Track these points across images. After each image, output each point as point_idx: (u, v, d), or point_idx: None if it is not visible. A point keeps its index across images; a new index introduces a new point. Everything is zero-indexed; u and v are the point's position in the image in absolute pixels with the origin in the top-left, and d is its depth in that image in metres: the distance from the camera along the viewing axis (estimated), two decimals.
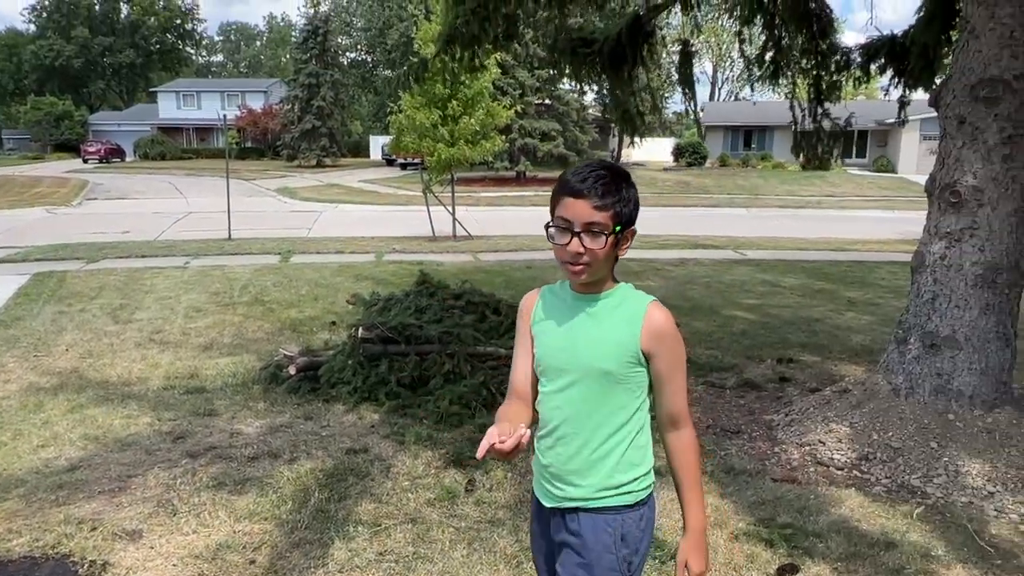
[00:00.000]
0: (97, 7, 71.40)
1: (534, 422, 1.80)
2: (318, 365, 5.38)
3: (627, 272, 10.70)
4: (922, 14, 5.47)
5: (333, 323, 7.47)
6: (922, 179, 4.62)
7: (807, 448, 4.34)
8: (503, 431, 1.56)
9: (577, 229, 1.62)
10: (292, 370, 5.37)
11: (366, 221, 20.17)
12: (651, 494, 1.78)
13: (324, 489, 3.78)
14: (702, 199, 29.16)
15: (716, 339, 7.11)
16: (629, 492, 1.73)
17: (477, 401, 4.87)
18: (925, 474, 3.90)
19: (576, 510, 1.73)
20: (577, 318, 1.73)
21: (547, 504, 1.79)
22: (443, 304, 5.71)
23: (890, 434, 4.18)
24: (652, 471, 1.79)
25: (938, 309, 4.28)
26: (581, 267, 1.65)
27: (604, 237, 1.62)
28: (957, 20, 4.88)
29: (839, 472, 4.08)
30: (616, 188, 1.63)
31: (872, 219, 22.80)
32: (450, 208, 16.06)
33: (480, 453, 1.56)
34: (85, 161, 47.05)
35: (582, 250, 1.62)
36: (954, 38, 4.99)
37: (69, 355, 6.41)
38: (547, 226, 1.67)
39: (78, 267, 11.52)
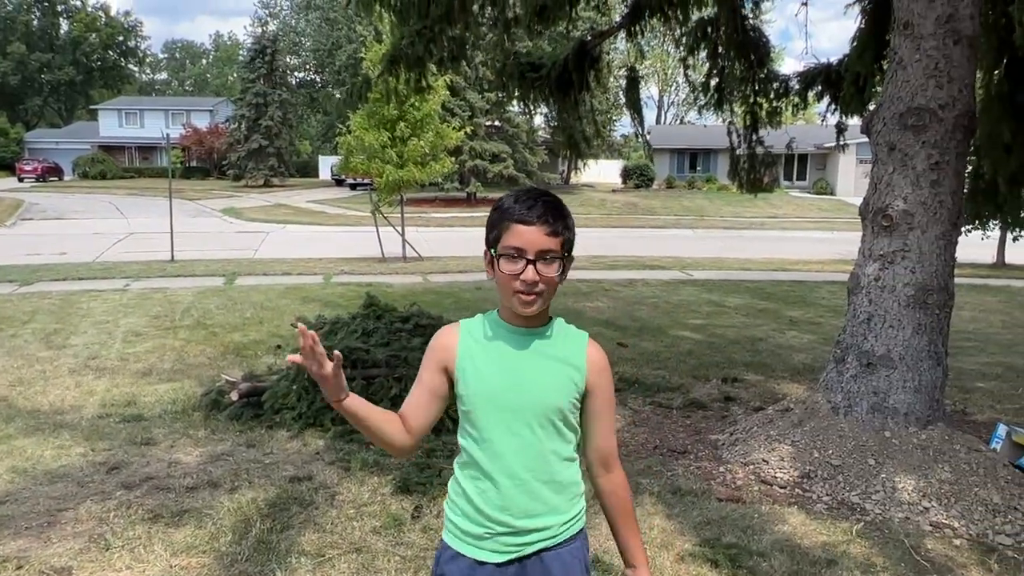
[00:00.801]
0: (35, 22, 69.42)
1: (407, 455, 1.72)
2: (262, 391, 5.26)
3: (576, 293, 10.78)
4: (855, 44, 5.70)
5: (278, 347, 7.34)
6: (859, 201, 4.78)
7: (751, 467, 4.40)
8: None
9: (531, 257, 1.56)
10: (234, 396, 5.24)
11: (314, 242, 19.94)
12: None
13: (266, 519, 3.67)
14: (650, 220, 29.66)
15: (663, 359, 7.20)
16: (581, 518, 1.72)
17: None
18: (864, 491, 4.00)
19: (540, 552, 1.65)
20: (521, 354, 1.64)
21: (500, 560, 1.64)
22: (390, 327, 5.65)
23: (830, 452, 4.27)
24: None
25: (873, 329, 4.41)
26: (534, 296, 1.58)
27: (557, 263, 1.59)
28: (888, 51, 5.10)
29: (782, 490, 4.15)
30: (562, 214, 1.62)
31: (812, 239, 23.48)
32: (400, 229, 15.99)
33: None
34: (20, 180, 45.43)
35: (537, 278, 1.56)
36: (885, 67, 5.20)
37: None
38: (496, 256, 1.60)
39: (10, 290, 11.09)
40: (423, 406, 1.69)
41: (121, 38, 74.55)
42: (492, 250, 1.62)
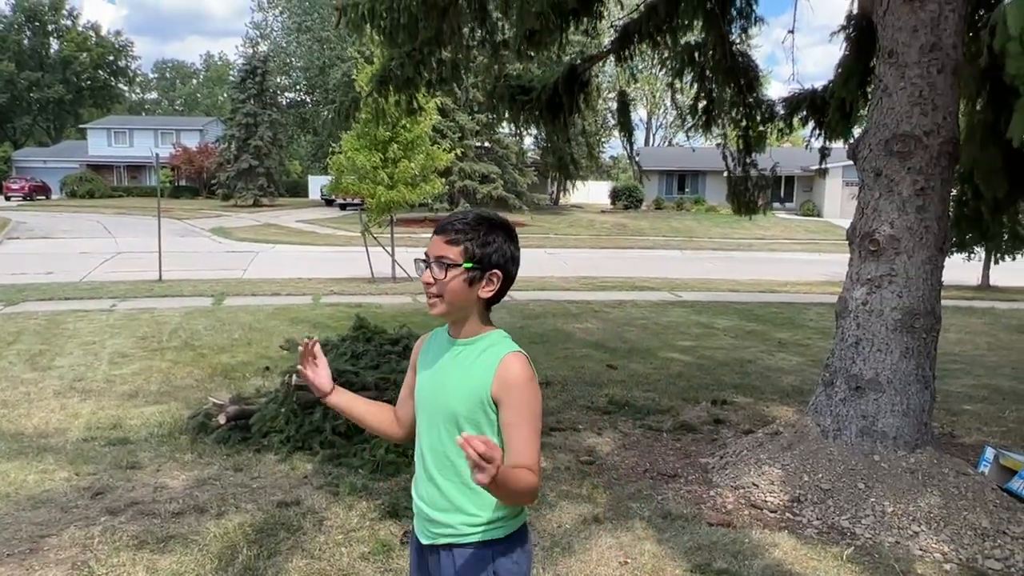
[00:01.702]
0: (26, 42, 69.42)
1: (400, 443, 2.07)
2: (249, 414, 5.22)
3: (565, 314, 10.79)
4: (840, 71, 5.78)
5: (267, 369, 7.29)
6: (846, 222, 4.83)
7: (741, 491, 4.40)
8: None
9: (429, 261, 1.74)
10: (222, 419, 5.19)
11: (304, 262, 19.89)
12: (525, 533, 1.81)
13: (253, 545, 3.63)
14: (638, 241, 29.79)
15: (653, 381, 7.20)
16: (500, 527, 1.75)
17: (414, 449, 4.79)
18: (854, 515, 4.00)
19: (450, 546, 1.77)
20: (445, 360, 1.80)
21: (423, 541, 1.83)
22: (380, 349, 5.64)
23: (820, 476, 4.27)
24: (524, 511, 1.82)
25: (861, 353, 4.44)
26: (432, 299, 1.75)
27: (448, 269, 1.71)
28: (872, 77, 5.18)
29: (772, 515, 4.14)
30: (474, 229, 1.73)
31: (800, 261, 23.64)
32: (389, 249, 15.98)
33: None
34: (7, 198, 45.20)
35: (431, 280, 1.73)
36: (870, 92, 5.28)
37: None
38: (415, 260, 1.80)
39: None
40: (404, 401, 1.96)
41: (111, 58, 74.62)
42: None
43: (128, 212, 36.88)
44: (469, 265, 1.71)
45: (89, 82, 72.97)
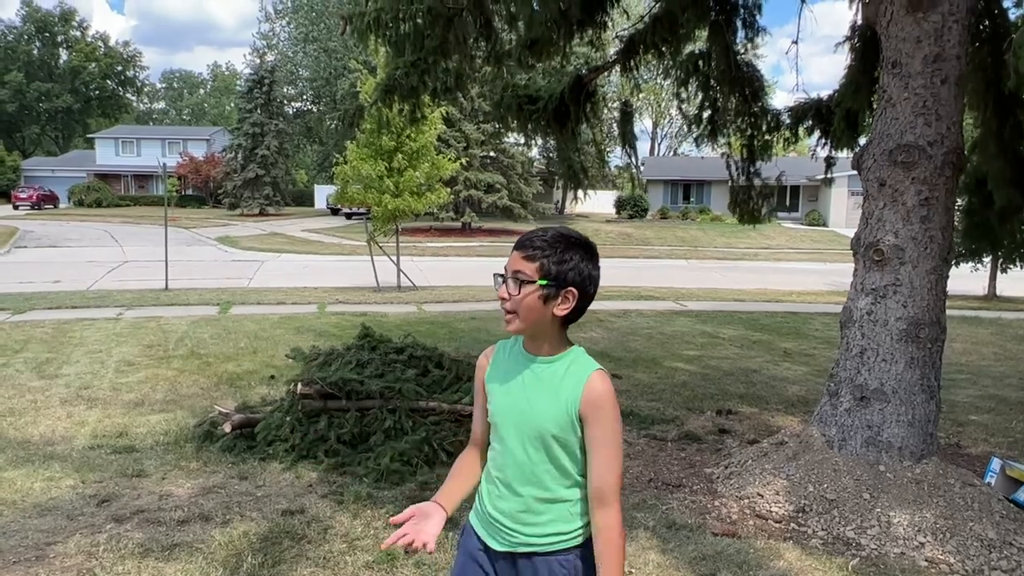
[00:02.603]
0: (35, 52, 70.01)
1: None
2: (255, 422, 5.24)
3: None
4: (845, 81, 5.80)
5: (272, 377, 7.31)
6: (851, 232, 4.83)
7: (746, 501, 4.39)
8: (411, 530, 1.72)
9: (506, 276, 1.73)
10: (227, 427, 5.21)
11: (309, 271, 19.94)
12: (592, 538, 1.80)
13: (258, 554, 3.64)
14: (644, 250, 29.81)
15: (658, 391, 7.19)
16: (576, 536, 1.78)
17: (419, 457, 4.80)
18: (859, 526, 3.98)
19: (531, 555, 1.78)
20: (524, 377, 1.78)
21: (498, 548, 1.82)
22: (385, 358, 5.64)
23: (825, 486, 4.26)
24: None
25: (866, 363, 4.43)
26: (509, 315, 1.74)
27: (524, 285, 1.70)
28: (876, 87, 5.19)
29: (777, 525, 4.13)
30: (551, 246, 1.72)
31: (805, 271, 23.60)
32: (395, 258, 16.02)
33: (385, 544, 1.76)
34: (16, 207, 45.46)
35: (506, 296, 1.72)
36: (875, 102, 5.29)
37: None
38: (494, 275, 1.78)
39: (3, 318, 11.05)
40: (480, 420, 1.95)
41: (120, 68, 75.11)
42: None
43: (135, 221, 37.09)
44: (544, 282, 1.70)
45: (97, 92, 73.49)
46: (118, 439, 5.47)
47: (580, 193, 8.59)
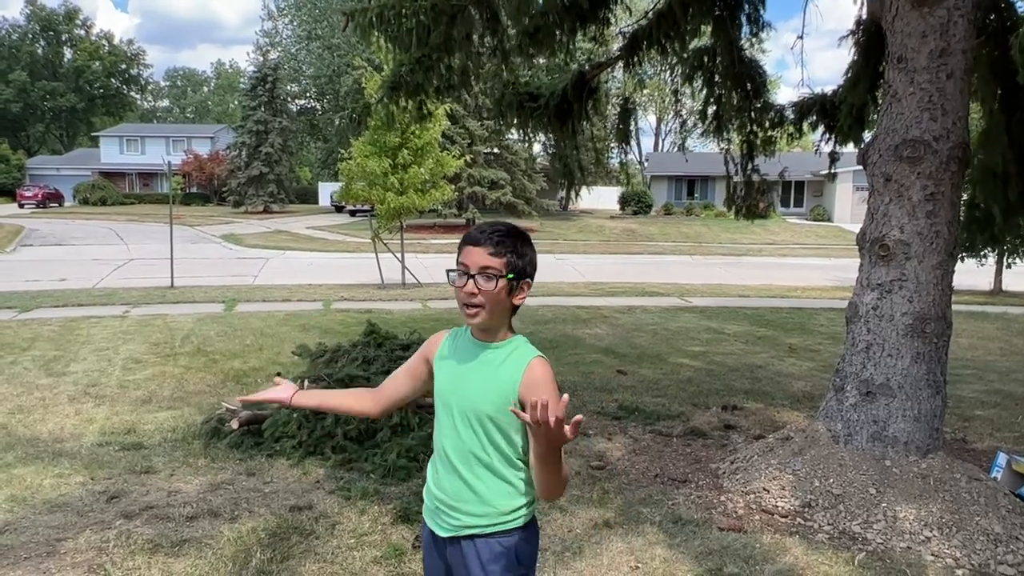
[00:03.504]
0: (40, 51, 70.14)
1: (375, 419, 2.16)
2: (262, 419, 5.26)
3: (575, 320, 10.80)
4: (849, 76, 5.78)
5: (278, 374, 7.26)
6: (856, 227, 4.83)
7: (752, 496, 4.40)
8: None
9: (473, 272, 1.80)
10: (235, 424, 5.23)
11: (314, 268, 19.98)
12: (535, 518, 1.94)
13: (266, 549, 3.66)
14: (648, 246, 29.76)
15: (663, 387, 7.20)
16: (520, 517, 1.88)
17: (425, 454, 4.81)
18: (865, 520, 3.99)
19: (473, 536, 1.86)
20: (471, 362, 1.88)
21: (443, 534, 1.91)
22: (391, 355, 5.67)
23: (831, 481, 4.27)
24: (534, 501, 1.91)
25: (872, 358, 4.44)
26: (475, 309, 1.81)
27: (495, 280, 1.79)
28: (881, 82, 5.18)
29: (783, 520, 4.14)
30: (511, 242, 1.83)
31: (810, 266, 23.55)
32: (399, 255, 16.04)
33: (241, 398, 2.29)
34: (21, 206, 45.58)
35: (476, 291, 1.80)
36: (879, 97, 5.28)
37: None
38: (448, 271, 1.87)
39: (10, 316, 11.10)
40: (398, 380, 2.07)
41: (124, 66, 75.25)
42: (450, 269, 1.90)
43: (140, 219, 37.14)
44: (511, 276, 1.81)
45: (102, 90, 73.64)
46: (126, 436, 5.51)
47: (576, 190, 8.58)
